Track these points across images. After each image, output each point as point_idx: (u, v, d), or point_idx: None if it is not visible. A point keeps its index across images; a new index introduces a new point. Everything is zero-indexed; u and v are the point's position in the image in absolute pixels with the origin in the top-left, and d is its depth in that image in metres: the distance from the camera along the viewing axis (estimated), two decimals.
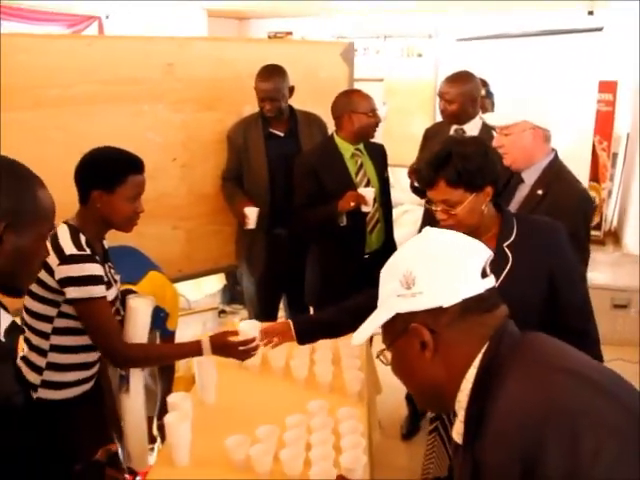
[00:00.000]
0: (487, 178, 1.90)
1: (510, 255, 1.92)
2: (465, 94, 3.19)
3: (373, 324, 1.17)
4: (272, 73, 3.30)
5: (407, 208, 5.83)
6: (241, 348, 2.19)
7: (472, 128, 3.21)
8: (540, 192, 2.46)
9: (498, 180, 1.97)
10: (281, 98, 3.31)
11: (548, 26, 6.50)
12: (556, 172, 2.50)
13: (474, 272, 1.10)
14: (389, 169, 3.47)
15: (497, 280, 1.85)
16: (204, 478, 1.92)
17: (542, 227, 2.00)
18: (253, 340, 2.21)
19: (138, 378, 2.51)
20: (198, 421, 2.09)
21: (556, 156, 2.52)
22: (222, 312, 4.29)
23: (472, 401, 1.07)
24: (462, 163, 1.88)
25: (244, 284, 3.66)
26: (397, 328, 1.13)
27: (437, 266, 1.10)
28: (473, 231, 1.88)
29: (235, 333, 2.24)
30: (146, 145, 3.35)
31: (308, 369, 2.46)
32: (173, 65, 3.39)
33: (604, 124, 6.17)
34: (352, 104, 3.13)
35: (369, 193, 3.05)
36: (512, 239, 1.94)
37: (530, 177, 2.51)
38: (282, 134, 3.42)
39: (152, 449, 3.19)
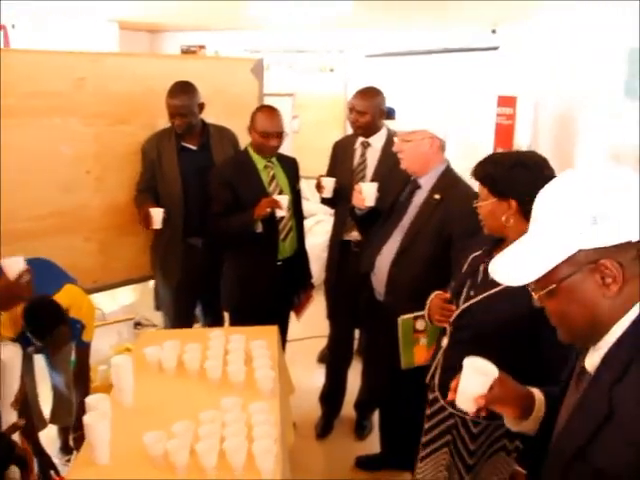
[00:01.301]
0: (511, 191, 2.02)
1: None
2: (374, 107, 3.42)
3: (547, 263, 1.18)
4: (181, 90, 3.44)
5: (320, 218, 6.03)
6: None
7: (378, 140, 3.46)
8: (437, 197, 2.73)
9: (530, 203, 2.08)
10: (190, 114, 3.46)
11: (454, 43, 6.91)
12: (451, 178, 2.78)
13: None
14: (303, 181, 3.68)
15: (489, 291, 2.08)
16: (124, 476, 2.04)
17: None
18: None
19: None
20: (116, 422, 2.19)
21: (449, 164, 2.80)
22: (137, 324, 4.36)
23: (622, 343, 1.13)
24: (493, 167, 2.07)
25: (160, 293, 3.77)
26: (575, 264, 1.15)
27: (626, 201, 1.11)
28: (503, 237, 2.11)
29: None
30: (60, 158, 3.45)
31: (222, 370, 2.61)
32: (85, 79, 3.48)
33: (505, 136, 6.57)
34: (254, 122, 3.32)
35: (284, 200, 3.23)
36: None
37: (427, 183, 2.79)
38: (195, 148, 3.57)
39: (69, 460, 3.25)
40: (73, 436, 3.01)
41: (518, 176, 2.02)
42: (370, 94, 3.47)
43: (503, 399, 1.49)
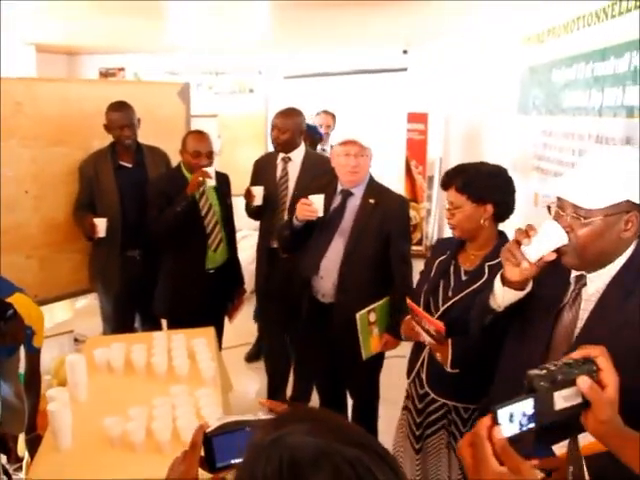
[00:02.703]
0: (489, 197, 2.37)
1: (487, 273, 2.37)
2: (295, 125, 3.83)
3: (608, 199, 1.50)
4: (123, 105, 3.80)
5: (245, 233, 6.34)
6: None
7: (298, 155, 3.86)
8: (372, 201, 3.14)
9: (503, 205, 2.42)
10: (134, 127, 3.82)
11: (367, 64, 7.45)
12: (378, 185, 3.22)
13: None
14: None
15: (465, 290, 2.42)
16: (87, 458, 2.33)
17: None
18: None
19: None
20: (74, 413, 2.47)
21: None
22: (75, 340, 4.58)
23: (629, 267, 1.56)
24: (473, 176, 2.39)
25: (101, 303, 4.04)
26: (617, 208, 1.51)
27: None
28: (470, 239, 2.46)
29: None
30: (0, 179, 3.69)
31: (167, 365, 2.93)
32: (21, 104, 3.76)
33: (418, 150, 7.13)
34: (186, 144, 3.67)
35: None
36: (496, 262, 2.28)
37: (358, 190, 3.19)
38: (130, 165, 3.89)
39: (20, 467, 3.45)
40: (26, 438, 3.22)
41: (494, 183, 2.41)
42: (291, 114, 3.89)
43: None
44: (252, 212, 3.98)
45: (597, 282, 1.61)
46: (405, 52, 7.76)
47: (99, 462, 2.31)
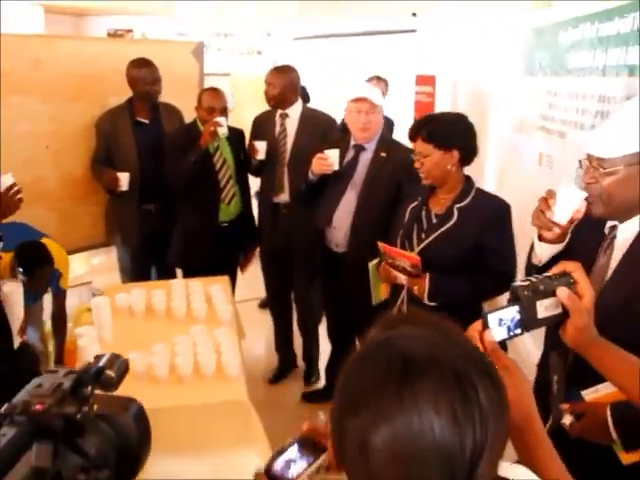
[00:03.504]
0: (454, 143, 2.57)
1: (456, 215, 2.60)
2: (285, 81, 3.92)
3: (633, 147, 1.60)
4: (148, 62, 3.97)
5: None
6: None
7: (295, 111, 3.96)
8: (384, 154, 3.33)
9: (467, 149, 2.62)
10: (159, 83, 3.99)
11: (377, 26, 7.53)
12: (389, 138, 3.40)
13: None
14: None
15: (437, 231, 2.63)
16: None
17: (493, 203, 2.67)
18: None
19: None
20: (101, 351, 2.69)
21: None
22: (93, 295, 4.78)
23: None
24: (437, 125, 2.59)
25: (118, 254, 4.25)
26: (636, 158, 1.60)
27: None
28: (439, 185, 2.66)
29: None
30: (19, 135, 3.85)
31: (186, 307, 3.14)
32: (40, 61, 3.92)
33: (426, 112, 7.23)
34: (201, 100, 3.86)
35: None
36: (464, 203, 2.61)
37: (370, 145, 3.39)
38: (147, 122, 4.06)
39: None
40: None
41: (459, 130, 2.62)
42: (282, 70, 4.01)
43: None
44: (254, 168, 4.13)
45: (626, 232, 1.73)
46: (414, 15, 7.82)
47: (125, 393, 2.51)
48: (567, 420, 1.64)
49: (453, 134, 2.59)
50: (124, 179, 3.86)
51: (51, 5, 8.06)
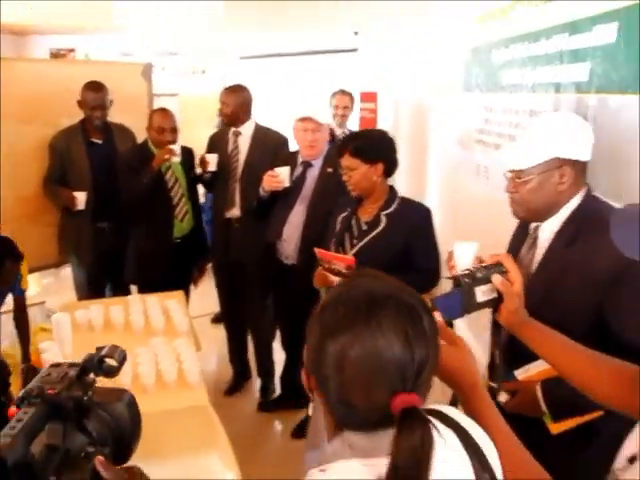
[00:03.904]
0: (378, 156, 2.84)
1: (384, 221, 2.87)
2: (239, 100, 4.11)
3: (538, 158, 1.86)
4: (99, 86, 4.11)
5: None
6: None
7: (247, 130, 4.15)
8: (330, 170, 3.54)
9: (390, 162, 2.89)
10: (107, 107, 4.13)
11: (320, 45, 7.79)
12: (334, 154, 3.60)
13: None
14: None
15: (367, 237, 2.81)
16: None
17: (416, 209, 2.97)
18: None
19: None
20: None
21: None
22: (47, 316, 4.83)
23: (571, 220, 1.88)
24: (362, 141, 2.86)
25: (74, 273, 4.34)
26: (549, 165, 1.85)
27: (582, 136, 1.88)
28: (366, 196, 2.91)
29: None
30: None
31: (144, 321, 3.27)
32: None
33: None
34: (151, 121, 4.02)
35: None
36: (390, 210, 2.89)
37: (317, 162, 3.63)
38: (100, 142, 4.20)
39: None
40: (22, 367, 3.47)
41: (382, 145, 2.91)
42: (235, 89, 4.19)
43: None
44: (206, 181, 4.29)
45: (547, 232, 1.98)
46: (356, 33, 8.10)
47: None
48: (502, 397, 1.86)
49: (377, 149, 2.87)
50: (81, 198, 3.98)
51: None
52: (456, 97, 5.24)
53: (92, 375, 1.17)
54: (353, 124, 6.38)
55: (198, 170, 4.23)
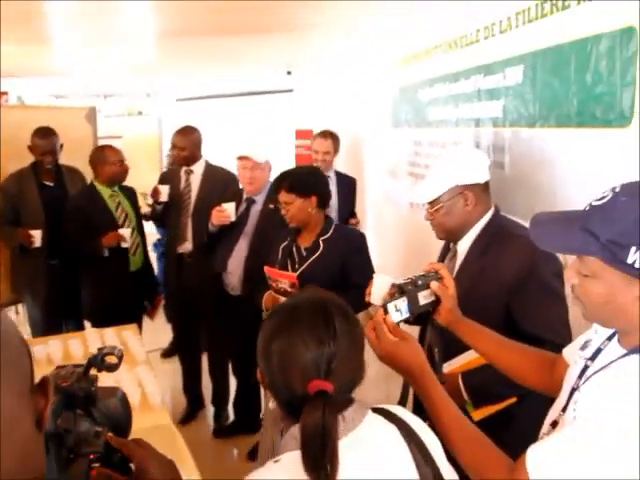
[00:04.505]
0: (311, 190, 3.11)
1: (322, 246, 3.14)
2: (192, 141, 4.43)
3: (441, 189, 2.25)
4: (49, 132, 4.34)
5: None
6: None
7: (198, 167, 4.44)
8: (272, 206, 3.79)
9: (323, 194, 3.17)
10: (56, 152, 4.36)
11: (255, 86, 8.16)
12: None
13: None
14: None
15: (308, 261, 3.08)
16: None
17: (350, 233, 3.31)
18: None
19: None
20: None
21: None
22: None
23: (482, 234, 2.25)
24: (296, 178, 3.13)
25: (28, 311, 4.50)
26: (452, 192, 2.24)
27: (476, 165, 2.27)
28: (304, 226, 3.18)
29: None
30: None
31: None
32: None
33: (306, 163, 7.87)
34: (104, 157, 4.24)
35: (127, 232, 4.15)
36: (327, 236, 3.17)
37: (260, 198, 3.90)
38: (52, 184, 4.42)
39: None
40: None
41: (314, 179, 3.21)
42: (188, 131, 4.49)
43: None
44: (156, 215, 4.55)
45: (464, 245, 2.35)
46: (289, 73, 8.48)
47: None
48: None
49: (310, 184, 3.16)
50: (37, 236, 4.17)
51: None
52: (387, 132, 5.66)
53: (96, 371, 1.42)
54: (290, 162, 6.66)
55: (149, 200, 4.48)
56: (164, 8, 4.41)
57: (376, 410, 1.33)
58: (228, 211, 3.87)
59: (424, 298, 1.78)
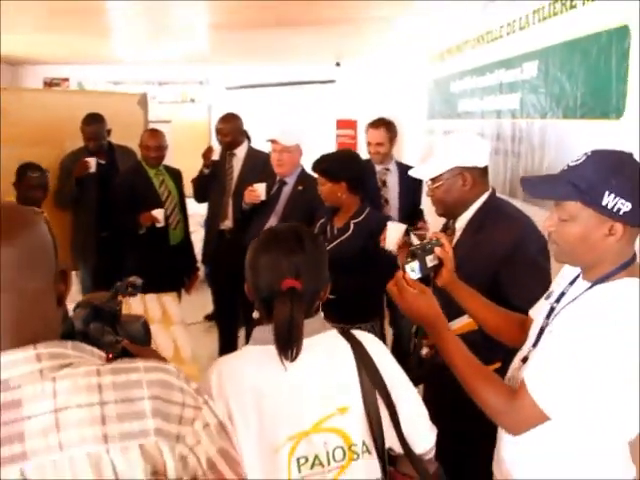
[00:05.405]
0: (341, 176, 3.34)
1: (352, 228, 3.39)
2: (234, 128, 4.82)
3: (440, 169, 2.50)
4: (93, 119, 4.78)
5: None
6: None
7: (240, 151, 4.82)
8: (300, 187, 4.12)
9: (353, 181, 3.37)
10: (101, 137, 4.80)
11: (300, 76, 8.51)
12: (307, 174, 4.18)
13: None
14: None
15: (336, 240, 3.41)
16: None
17: (381, 218, 3.47)
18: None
19: None
20: None
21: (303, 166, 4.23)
22: None
23: (478, 212, 2.50)
24: (328, 163, 3.40)
25: (81, 277, 4.97)
26: (452, 172, 2.47)
27: (478, 150, 2.54)
28: (338, 206, 3.43)
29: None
30: None
31: (144, 312, 3.87)
32: (8, 111, 4.68)
33: None
34: (141, 140, 4.68)
35: (160, 214, 4.53)
36: (359, 219, 3.39)
37: (291, 180, 4.19)
38: (104, 162, 4.86)
39: None
40: None
41: (345, 165, 3.43)
42: (230, 119, 4.87)
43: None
44: (202, 182, 4.92)
45: (461, 222, 2.61)
46: (338, 64, 8.81)
47: None
48: (424, 351, 2.49)
49: (339, 170, 3.38)
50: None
51: None
52: (422, 123, 5.95)
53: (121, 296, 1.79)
54: (331, 148, 6.94)
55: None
56: (218, 3, 4.80)
57: (344, 331, 1.68)
58: (259, 191, 4.20)
59: (430, 261, 2.12)
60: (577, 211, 1.58)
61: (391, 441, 1.63)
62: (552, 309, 1.78)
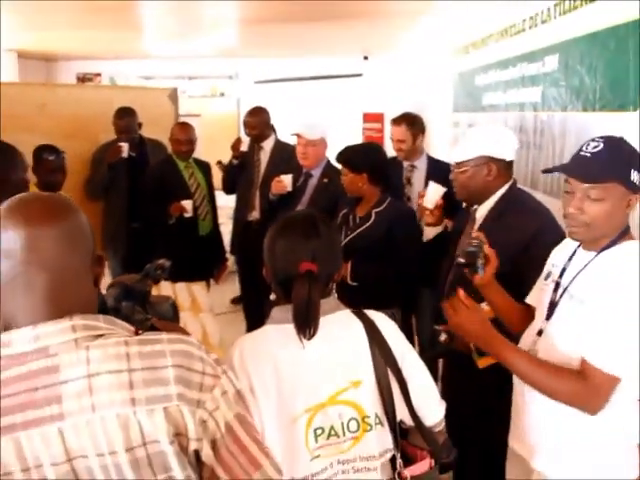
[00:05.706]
0: (362, 168, 3.41)
1: (373, 217, 3.45)
2: (261, 121, 4.94)
3: (469, 154, 2.62)
4: (125, 113, 4.93)
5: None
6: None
7: (268, 144, 4.95)
8: (325, 180, 4.22)
9: (374, 172, 3.43)
10: (132, 131, 4.94)
11: (328, 70, 8.62)
12: (333, 167, 4.26)
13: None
14: None
15: (358, 229, 3.58)
16: None
17: (401, 208, 3.61)
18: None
19: None
20: None
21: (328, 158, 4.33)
22: None
23: (499, 202, 2.62)
24: (350, 154, 3.49)
25: (110, 265, 5.12)
26: (479, 160, 2.59)
27: (506, 142, 2.65)
28: (360, 197, 3.50)
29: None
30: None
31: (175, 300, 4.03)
32: (45, 105, 4.86)
33: None
34: (172, 134, 4.81)
35: (188, 204, 4.65)
36: (380, 209, 3.45)
37: (316, 172, 4.29)
38: (135, 154, 5.00)
39: None
40: None
41: (366, 157, 3.50)
42: (257, 112, 5.00)
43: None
44: (231, 173, 5.09)
45: (482, 211, 2.71)
46: (366, 58, 8.91)
47: None
48: (442, 337, 2.58)
49: (361, 161, 3.45)
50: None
51: (24, 51, 8.75)
52: (447, 116, 6.02)
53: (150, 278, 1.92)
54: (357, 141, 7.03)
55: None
56: None
57: (356, 312, 1.78)
58: (285, 182, 4.33)
59: (480, 263, 2.23)
60: (611, 189, 1.77)
61: (402, 414, 1.74)
62: (558, 284, 1.93)
